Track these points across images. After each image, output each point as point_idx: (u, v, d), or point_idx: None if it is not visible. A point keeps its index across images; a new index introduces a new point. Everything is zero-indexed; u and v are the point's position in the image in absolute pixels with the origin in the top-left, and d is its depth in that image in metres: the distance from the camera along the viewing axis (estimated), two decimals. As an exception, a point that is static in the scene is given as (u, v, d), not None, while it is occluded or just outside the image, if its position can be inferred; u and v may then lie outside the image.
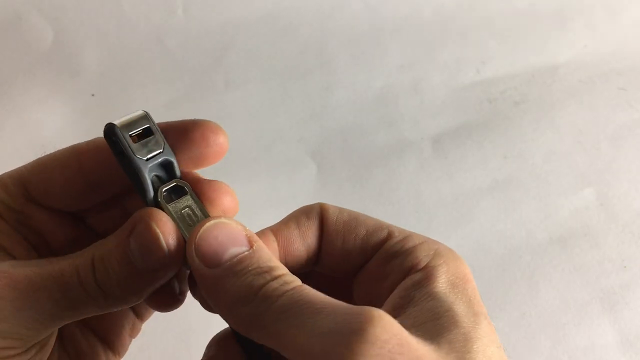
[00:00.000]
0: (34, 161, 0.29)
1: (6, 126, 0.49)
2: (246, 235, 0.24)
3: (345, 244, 0.26)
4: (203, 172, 0.29)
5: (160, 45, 0.53)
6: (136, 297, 0.26)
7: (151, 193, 0.25)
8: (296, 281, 0.22)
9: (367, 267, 0.26)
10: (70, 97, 0.51)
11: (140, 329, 0.35)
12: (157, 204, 0.25)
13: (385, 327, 0.19)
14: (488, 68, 0.55)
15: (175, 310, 0.42)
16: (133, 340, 0.41)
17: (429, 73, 0.55)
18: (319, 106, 0.52)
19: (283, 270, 0.23)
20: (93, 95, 0.51)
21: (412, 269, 0.24)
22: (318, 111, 0.52)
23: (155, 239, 0.24)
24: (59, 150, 0.28)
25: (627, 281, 0.43)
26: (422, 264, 0.24)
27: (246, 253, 0.23)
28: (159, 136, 0.26)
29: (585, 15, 0.59)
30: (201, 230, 0.24)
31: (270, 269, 0.23)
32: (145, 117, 0.26)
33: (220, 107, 0.51)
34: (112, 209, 0.30)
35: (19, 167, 0.29)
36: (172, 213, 0.25)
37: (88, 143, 0.28)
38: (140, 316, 0.34)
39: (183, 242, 0.25)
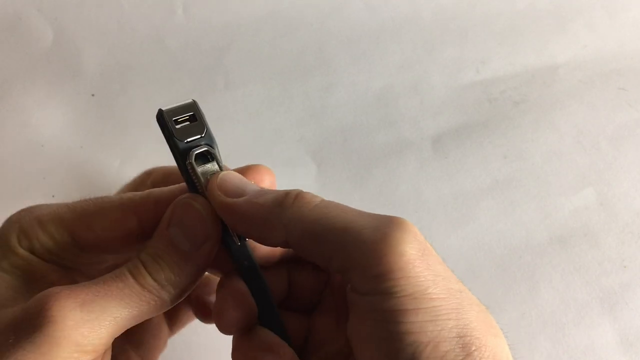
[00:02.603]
0: (78, 206, 0.29)
1: (6, 126, 0.49)
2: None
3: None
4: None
5: (160, 45, 0.53)
6: (190, 280, 0.27)
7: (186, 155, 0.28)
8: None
9: None
10: (70, 97, 0.50)
11: (166, 344, 0.37)
12: (187, 166, 0.28)
13: (417, 231, 0.24)
14: (488, 68, 0.55)
15: (175, 310, 0.42)
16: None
17: (429, 73, 0.55)
18: (319, 106, 0.52)
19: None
20: (93, 95, 0.51)
21: None
22: (318, 111, 0.52)
23: (194, 213, 0.27)
24: (109, 200, 0.29)
25: (627, 281, 0.43)
26: None
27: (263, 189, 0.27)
28: (201, 122, 0.28)
29: (585, 15, 0.58)
30: (222, 173, 0.27)
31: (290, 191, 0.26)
32: (192, 105, 0.28)
33: (220, 107, 0.51)
34: None
35: (58, 208, 0.29)
36: (199, 174, 0.28)
37: (142, 197, 0.29)
38: (173, 329, 0.36)
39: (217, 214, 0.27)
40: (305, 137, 0.50)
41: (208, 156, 0.28)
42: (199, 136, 0.28)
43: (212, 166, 0.28)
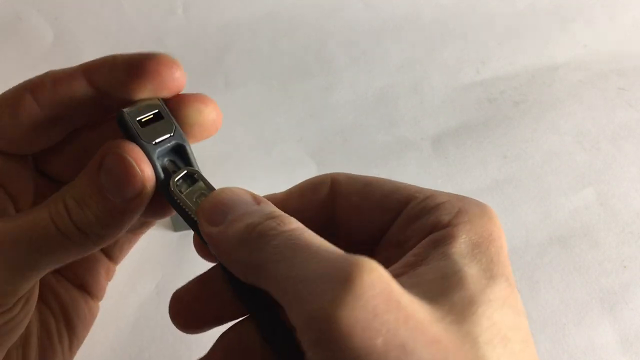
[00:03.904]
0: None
1: (6, 126, 0.49)
2: (251, 195, 0.24)
3: (362, 215, 0.25)
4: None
5: (160, 45, 0.53)
6: (118, 230, 0.25)
7: (161, 175, 0.25)
8: (295, 223, 0.21)
9: (388, 234, 0.25)
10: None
11: (115, 271, 0.35)
12: (169, 193, 0.25)
13: (375, 281, 0.18)
14: (488, 68, 0.55)
15: (175, 310, 0.42)
16: (133, 340, 0.41)
17: (429, 73, 0.55)
18: (319, 106, 0.52)
19: (284, 214, 0.22)
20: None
21: (433, 230, 0.23)
22: (318, 111, 0.52)
23: (129, 168, 0.24)
24: (8, 90, 0.28)
25: (627, 281, 0.43)
26: (444, 222, 0.22)
27: (252, 207, 0.23)
28: (169, 120, 0.26)
29: (585, 15, 0.58)
30: (208, 195, 0.24)
31: (271, 213, 0.22)
32: (157, 103, 0.26)
33: (220, 107, 0.51)
34: (71, 148, 0.29)
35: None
36: (187, 201, 0.25)
37: (40, 77, 0.27)
38: (114, 259, 0.34)
39: (154, 171, 0.25)
40: (305, 137, 0.50)
41: (193, 176, 0.26)
42: (168, 135, 0.25)
43: (198, 187, 0.25)
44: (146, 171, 0.24)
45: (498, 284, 0.21)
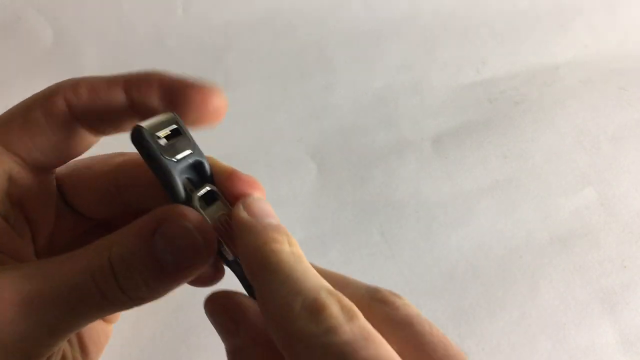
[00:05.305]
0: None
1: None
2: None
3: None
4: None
5: (160, 45, 0.53)
6: (164, 294, 0.24)
7: (182, 194, 0.24)
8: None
9: None
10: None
11: (111, 331, 0.34)
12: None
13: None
14: (488, 68, 0.55)
15: (175, 311, 0.43)
16: (134, 340, 0.41)
17: (429, 73, 0.55)
18: (319, 106, 0.52)
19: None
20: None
21: None
22: (318, 111, 0.52)
23: (188, 236, 0.22)
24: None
25: (627, 281, 0.43)
26: None
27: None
28: (188, 137, 0.24)
29: (585, 15, 0.58)
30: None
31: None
32: (173, 118, 0.24)
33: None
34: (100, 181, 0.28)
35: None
36: (208, 219, 0.24)
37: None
38: (108, 321, 0.33)
39: (215, 237, 0.23)
40: (305, 137, 0.50)
41: (214, 195, 0.24)
42: (188, 152, 0.24)
43: (218, 206, 0.24)
44: (211, 242, 0.23)
45: None
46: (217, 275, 0.26)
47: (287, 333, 0.18)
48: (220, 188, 0.25)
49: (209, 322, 0.31)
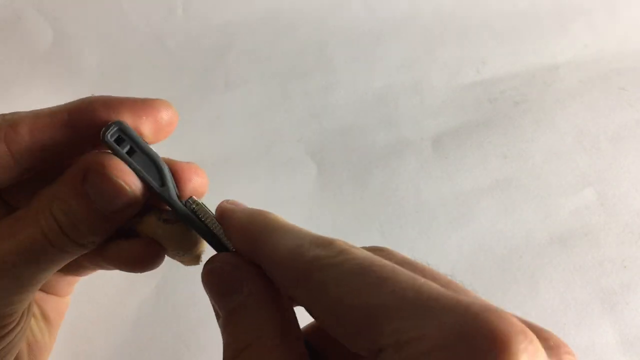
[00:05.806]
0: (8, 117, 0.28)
1: (6, 126, 0.49)
2: None
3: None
4: (206, 161, 0.29)
5: (160, 45, 0.53)
6: (111, 232, 0.26)
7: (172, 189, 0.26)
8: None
9: None
10: (70, 97, 0.50)
11: (69, 301, 0.37)
12: (184, 203, 0.26)
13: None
14: (488, 68, 0.55)
15: (175, 310, 0.42)
16: (135, 340, 0.41)
17: (429, 73, 0.55)
18: (319, 106, 0.52)
19: None
20: (93, 95, 0.51)
21: None
22: (318, 111, 0.52)
23: (114, 185, 0.25)
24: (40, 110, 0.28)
25: (627, 281, 0.43)
26: None
27: None
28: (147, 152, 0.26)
29: (585, 15, 0.58)
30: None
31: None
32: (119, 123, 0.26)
33: (220, 107, 0.51)
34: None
35: None
36: (208, 211, 0.26)
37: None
38: (63, 295, 0.35)
39: (143, 183, 0.25)
40: (305, 137, 0.50)
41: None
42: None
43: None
44: (133, 184, 0.25)
45: None
46: (150, 253, 0.28)
47: (302, 264, 0.20)
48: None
49: (209, 322, 0.31)
